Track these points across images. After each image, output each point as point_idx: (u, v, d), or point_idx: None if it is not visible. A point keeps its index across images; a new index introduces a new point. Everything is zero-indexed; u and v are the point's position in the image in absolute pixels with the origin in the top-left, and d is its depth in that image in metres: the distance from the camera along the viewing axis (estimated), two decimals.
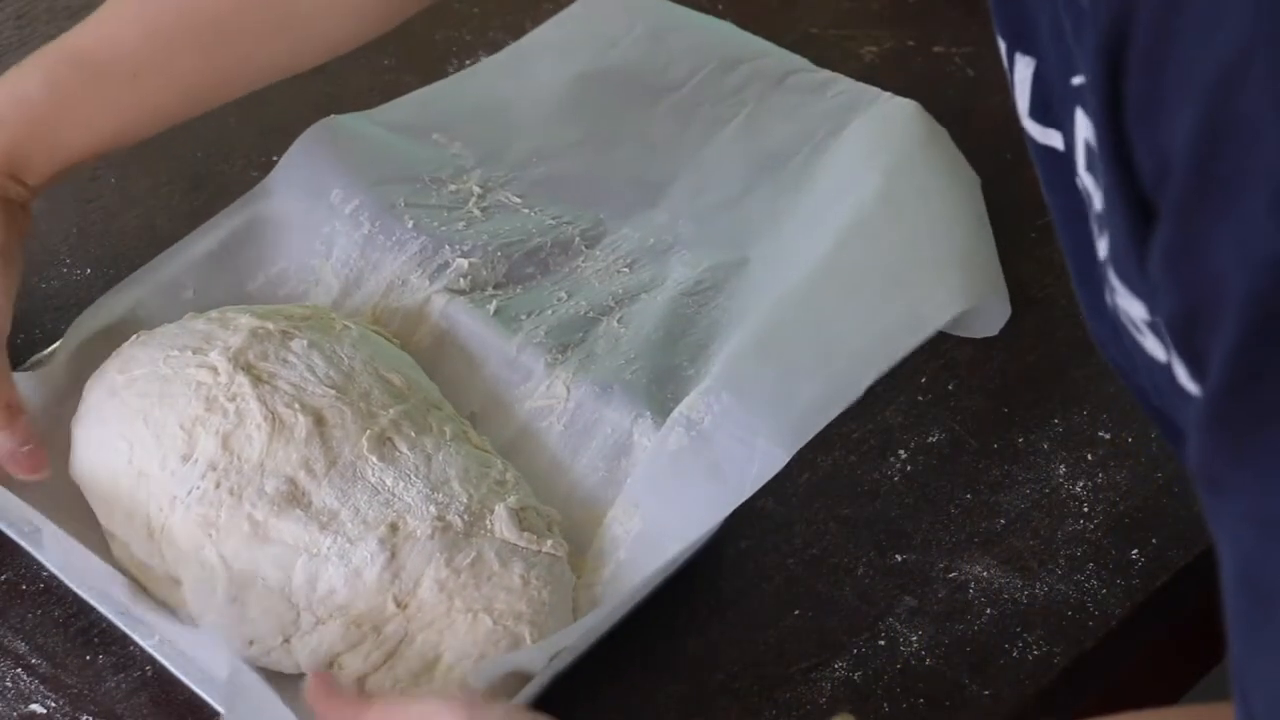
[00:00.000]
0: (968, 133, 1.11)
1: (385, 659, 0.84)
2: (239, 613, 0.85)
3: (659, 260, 1.04)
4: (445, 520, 0.86)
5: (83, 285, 1.03)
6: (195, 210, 1.05)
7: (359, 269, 1.01)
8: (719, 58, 1.15)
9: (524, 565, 0.86)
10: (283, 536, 0.85)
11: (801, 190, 1.06)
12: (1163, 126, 0.55)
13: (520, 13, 1.20)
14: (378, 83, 1.15)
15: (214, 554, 0.85)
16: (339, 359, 0.92)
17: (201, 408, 0.88)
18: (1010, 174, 1.09)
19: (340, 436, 0.88)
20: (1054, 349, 1.00)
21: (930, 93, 1.13)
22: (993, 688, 0.86)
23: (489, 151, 1.09)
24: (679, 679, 0.87)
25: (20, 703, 0.86)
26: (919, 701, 0.85)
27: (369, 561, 0.84)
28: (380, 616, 0.84)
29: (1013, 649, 0.87)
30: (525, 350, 0.97)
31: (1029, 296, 1.02)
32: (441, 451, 0.89)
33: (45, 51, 0.97)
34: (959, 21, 1.17)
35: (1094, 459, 0.95)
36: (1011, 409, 0.97)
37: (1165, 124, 0.55)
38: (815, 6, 1.20)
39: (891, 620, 0.88)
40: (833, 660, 0.87)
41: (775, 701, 0.86)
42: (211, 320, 0.94)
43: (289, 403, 0.88)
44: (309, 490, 0.86)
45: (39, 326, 1.01)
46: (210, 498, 0.86)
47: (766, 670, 0.87)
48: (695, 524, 0.87)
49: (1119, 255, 0.61)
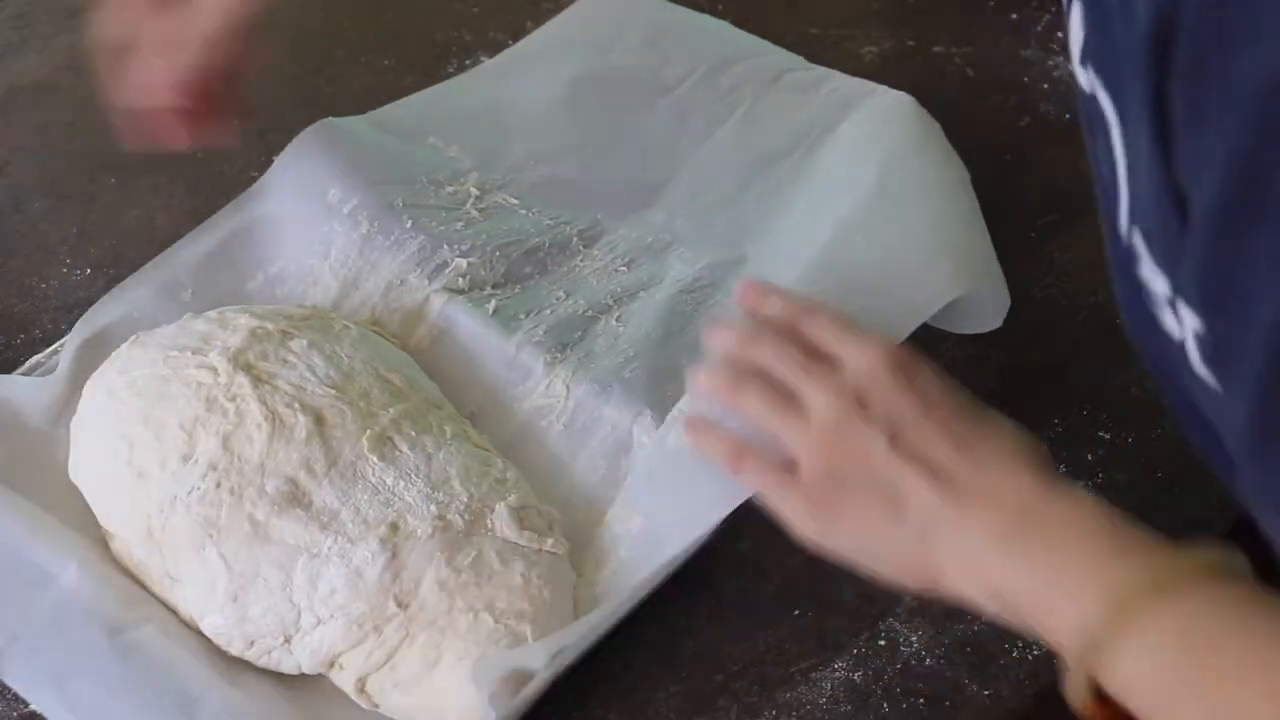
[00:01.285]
0: (968, 133, 1.11)
1: (387, 658, 0.84)
2: (240, 613, 0.85)
3: (657, 259, 1.04)
4: (446, 519, 0.86)
5: (83, 285, 1.04)
6: (195, 210, 1.05)
7: (357, 269, 1.01)
8: (714, 57, 1.15)
9: (525, 564, 0.86)
10: (283, 536, 0.85)
11: (798, 187, 1.06)
12: (1205, 136, 0.55)
13: (520, 12, 1.20)
14: (378, 83, 1.15)
15: (215, 554, 0.85)
16: (339, 359, 0.92)
17: (202, 408, 0.88)
18: (1010, 174, 1.09)
19: (340, 436, 0.88)
20: (1054, 349, 1.00)
21: (930, 93, 1.13)
22: (993, 688, 0.86)
23: (486, 154, 1.09)
24: (679, 679, 0.87)
25: (20, 703, 0.86)
26: (919, 701, 0.85)
27: (370, 561, 0.85)
28: (381, 616, 0.84)
29: (1013, 649, 0.87)
30: (524, 349, 0.97)
31: (1029, 296, 1.02)
32: (442, 451, 0.89)
33: None
34: (959, 21, 1.17)
35: (1094, 459, 0.95)
36: (1011, 409, 0.97)
37: (1207, 134, 0.55)
38: (815, 6, 1.20)
39: (891, 620, 0.88)
40: (833, 660, 0.87)
41: (775, 701, 0.86)
42: (210, 321, 0.94)
43: (289, 403, 0.89)
44: (309, 490, 0.86)
45: (39, 326, 1.01)
46: (211, 498, 0.86)
47: (766, 670, 0.87)
48: (696, 522, 0.87)
49: (1150, 230, 0.61)
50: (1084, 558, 0.71)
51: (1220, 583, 0.68)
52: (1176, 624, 0.68)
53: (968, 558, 0.74)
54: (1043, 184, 1.08)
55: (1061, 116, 1.12)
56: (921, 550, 0.75)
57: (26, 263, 1.05)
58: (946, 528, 0.75)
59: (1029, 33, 1.16)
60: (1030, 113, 1.12)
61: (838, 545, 0.78)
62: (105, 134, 1.10)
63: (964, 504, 0.75)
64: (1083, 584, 0.70)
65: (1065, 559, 0.71)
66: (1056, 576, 0.71)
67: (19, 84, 1.16)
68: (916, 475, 0.75)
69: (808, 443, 0.78)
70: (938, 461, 0.76)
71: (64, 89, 1.15)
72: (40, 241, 1.06)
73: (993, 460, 0.76)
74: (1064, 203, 1.07)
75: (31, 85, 1.16)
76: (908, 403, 0.78)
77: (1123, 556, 0.71)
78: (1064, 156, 1.10)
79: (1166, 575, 0.69)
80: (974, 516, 0.74)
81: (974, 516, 0.74)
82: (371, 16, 1.20)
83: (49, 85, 1.15)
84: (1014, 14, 1.17)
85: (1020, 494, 0.75)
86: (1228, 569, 0.69)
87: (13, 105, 1.14)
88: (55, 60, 1.17)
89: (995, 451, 0.76)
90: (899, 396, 0.78)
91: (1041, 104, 1.12)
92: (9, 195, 1.09)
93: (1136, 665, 0.68)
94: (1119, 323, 1.00)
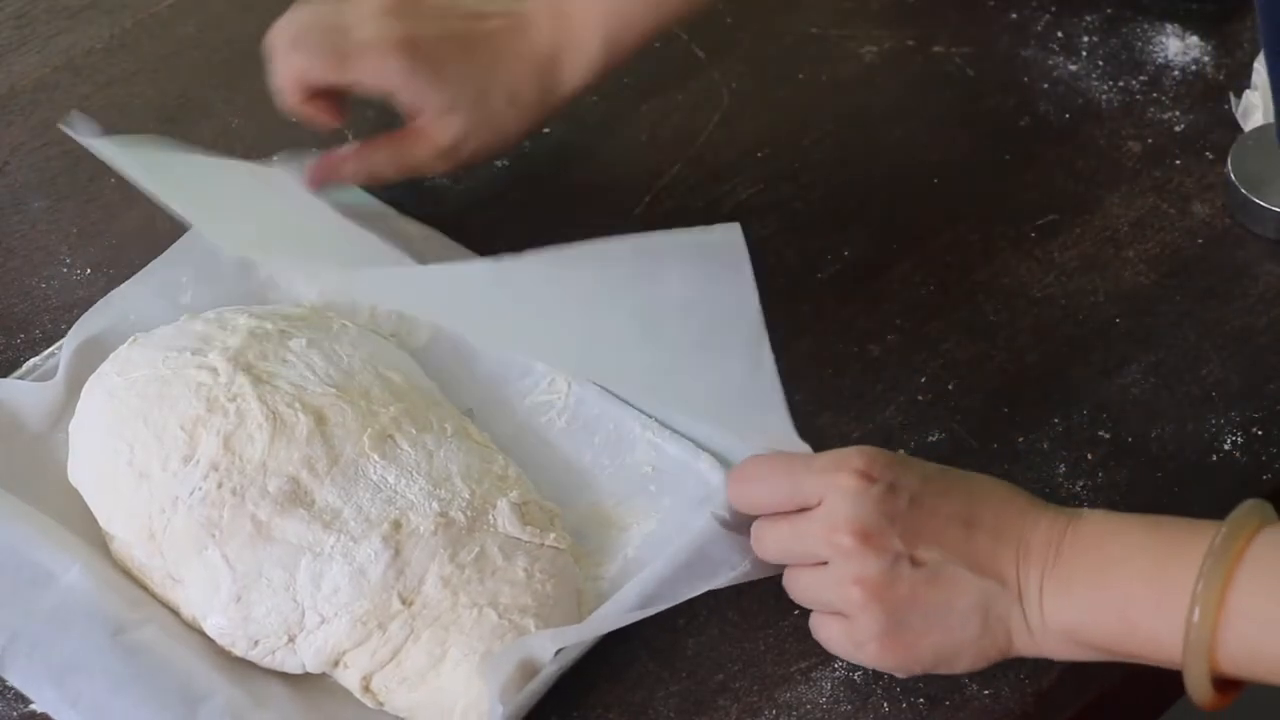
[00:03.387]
0: (968, 133, 1.11)
1: (392, 656, 0.84)
2: (243, 613, 0.85)
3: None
4: (448, 516, 0.86)
5: (83, 285, 1.03)
6: None
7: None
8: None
9: (528, 559, 0.86)
10: (286, 536, 0.85)
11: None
12: None
13: None
14: None
15: (217, 554, 0.85)
16: (338, 357, 0.92)
17: (202, 408, 0.88)
18: (1010, 174, 1.09)
19: (342, 435, 0.88)
20: (1054, 349, 1.00)
21: (930, 93, 1.14)
22: (993, 688, 0.86)
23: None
24: (679, 679, 0.87)
25: (20, 702, 0.86)
26: (919, 701, 0.85)
27: (373, 559, 0.85)
28: (385, 614, 0.84)
29: None
30: None
31: (1029, 296, 1.02)
32: (443, 448, 0.89)
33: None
34: (959, 21, 1.17)
35: (1094, 459, 0.95)
36: (1011, 409, 0.97)
37: None
38: (815, 6, 1.20)
39: None
40: (833, 660, 0.87)
41: (775, 701, 0.86)
42: (209, 321, 0.94)
43: (290, 402, 0.89)
44: (311, 489, 0.86)
45: (39, 326, 1.01)
46: (213, 498, 0.86)
47: (766, 670, 0.87)
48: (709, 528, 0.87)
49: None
50: (1141, 566, 0.74)
51: (1268, 524, 0.74)
52: (1259, 579, 0.72)
53: (1032, 621, 0.79)
54: (1043, 184, 1.08)
55: (1061, 116, 1.12)
56: (991, 633, 0.79)
57: (26, 263, 1.05)
58: (1002, 604, 0.79)
59: (1029, 33, 1.16)
60: (1030, 113, 1.12)
61: (920, 669, 0.82)
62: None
63: (1001, 575, 0.79)
64: (1157, 592, 0.73)
65: (1122, 576, 0.74)
66: (1123, 595, 0.76)
67: (19, 84, 1.16)
68: (951, 577, 0.79)
69: (846, 601, 0.81)
70: (958, 550, 0.79)
71: (64, 89, 1.15)
72: (40, 241, 1.06)
73: (999, 517, 0.80)
74: (1064, 203, 1.07)
75: (31, 85, 1.16)
76: (903, 511, 0.80)
77: (1175, 548, 0.73)
78: (1064, 156, 1.10)
79: (1223, 544, 0.74)
80: (1012, 580, 0.79)
81: (1012, 580, 0.79)
82: None
83: (49, 85, 1.15)
84: (1014, 14, 1.17)
85: (1040, 533, 0.79)
86: (1263, 515, 0.75)
87: (13, 105, 1.14)
88: (55, 60, 1.17)
89: (994, 506, 0.81)
90: (892, 508, 0.80)
91: (1041, 104, 1.12)
92: (9, 195, 1.09)
93: (1245, 631, 0.72)
94: (1119, 323, 1.01)
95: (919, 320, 1.01)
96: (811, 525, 0.81)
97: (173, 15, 1.19)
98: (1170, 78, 1.13)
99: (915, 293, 1.03)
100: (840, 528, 0.80)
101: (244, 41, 1.17)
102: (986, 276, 1.04)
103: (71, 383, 0.94)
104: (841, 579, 0.80)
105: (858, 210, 1.07)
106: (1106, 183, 1.08)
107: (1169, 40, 1.15)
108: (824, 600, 0.82)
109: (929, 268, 1.04)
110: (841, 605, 0.81)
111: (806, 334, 1.01)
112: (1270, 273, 1.03)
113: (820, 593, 0.82)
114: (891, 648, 0.80)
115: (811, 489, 0.82)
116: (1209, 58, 1.14)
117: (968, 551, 0.79)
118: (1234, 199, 1.05)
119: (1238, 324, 1.01)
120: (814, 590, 0.83)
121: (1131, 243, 1.05)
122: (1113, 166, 1.09)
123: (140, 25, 1.18)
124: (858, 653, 0.82)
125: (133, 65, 1.16)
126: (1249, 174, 1.05)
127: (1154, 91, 1.12)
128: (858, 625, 0.81)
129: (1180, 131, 1.10)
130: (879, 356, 1.00)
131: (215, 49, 1.17)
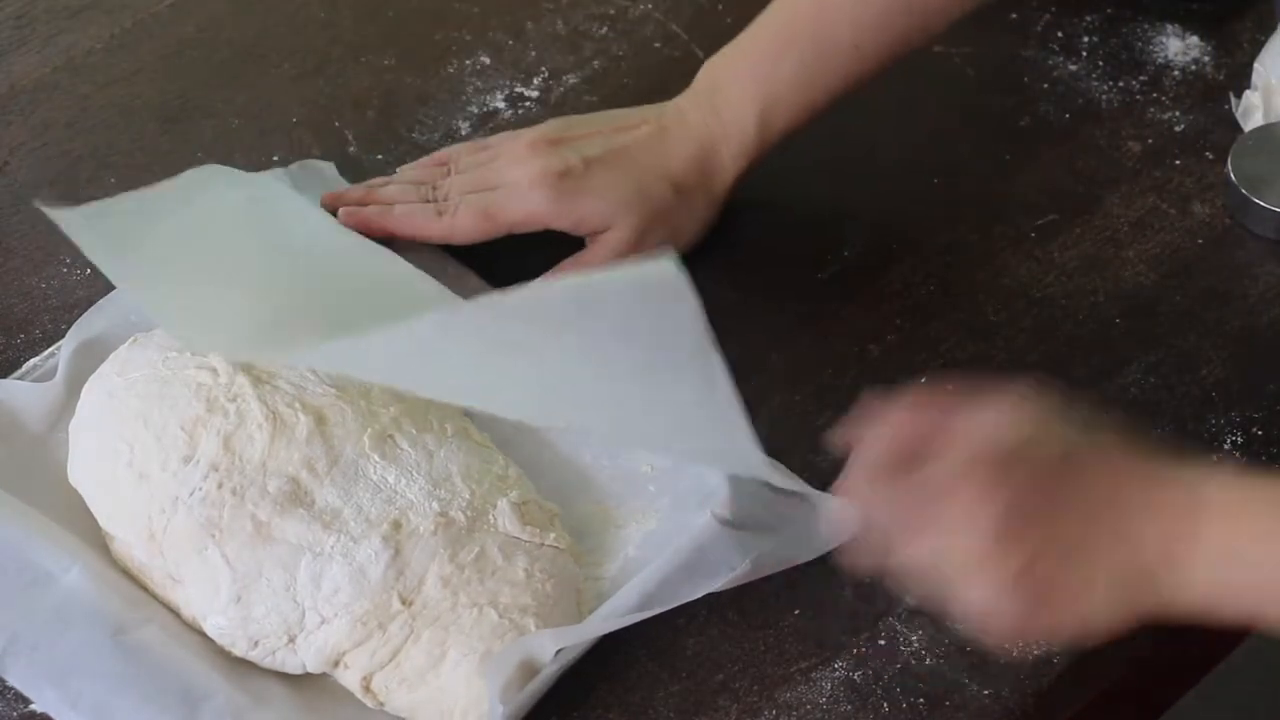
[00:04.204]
0: (968, 133, 1.11)
1: (392, 656, 0.84)
2: (243, 613, 0.85)
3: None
4: (448, 516, 0.86)
5: (82, 285, 1.03)
6: None
7: None
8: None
9: (527, 559, 0.86)
10: (286, 536, 0.85)
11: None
12: None
13: (520, 13, 1.20)
14: (378, 83, 1.15)
15: (217, 555, 0.85)
16: None
17: (202, 408, 0.88)
18: (1010, 174, 1.09)
19: (342, 435, 0.88)
20: (1054, 349, 1.00)
21: (930, 93, 1.13)
22: (993, 688, 0.86)
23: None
24: (678, 679, 0.87)
25: (20, 703, 0.86)
26: (919, 701, 0.85)
27: (373, 559, 0.85)
28: (385, 613, 0.84)
29: (1013, 649, 0.87)
30: None
31: (1029, 296, 1.02)
32: (443, 448, 0.89)
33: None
34: (959, 21, 1.17)
35: None
36: None
37: None
38: None
39: (891, 620, 0.88)
40: (833, 660, 0.87)
41: (775, 701, 0.86)
42: None
43: (289, 402, 0.89)
44: (311, 489, 0.86)
45: (39, 327, 1.01)
46: (213, 498, 0.86)
47: (766, 670, 0.87)
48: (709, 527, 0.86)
49: None
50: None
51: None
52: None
53: (1166, 589, 0.76)
54: (1043, 184, 1.08)
55: (1061, 116, 1.12)
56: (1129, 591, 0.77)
57: (26, 263, 1.05)
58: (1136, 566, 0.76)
59: (1029, 33, 1.16)
60: (1030, 113, 1.12)
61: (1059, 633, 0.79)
62: (105, 134, 1.11)
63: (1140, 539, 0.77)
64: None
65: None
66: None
67: (19, 84, 1.16)
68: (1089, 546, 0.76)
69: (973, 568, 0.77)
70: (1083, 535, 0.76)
71: (64, 89, 1.15)
72: (40, 241, 1.06)
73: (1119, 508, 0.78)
74: (1064, 203, 1.07)
75: (31, 85, 1.16)
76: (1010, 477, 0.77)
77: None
78: (1064, 156, 1.10)
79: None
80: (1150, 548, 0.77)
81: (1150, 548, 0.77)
82: (371, 16, 1.20)
83: (49, 85, 1.15)
84: (1014, 14, 1.17)
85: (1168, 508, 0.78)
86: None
87: (13, 105, 1.14)
88: (55, 60, 1.17)
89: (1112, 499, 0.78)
90: (1007, 475, 0.76)
91: (1041, 104, 1.12)
92: (9, 195, 1.09)
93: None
94: (1119, 323, 1.01)
95: (919, 320, 1.01)
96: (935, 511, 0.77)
97: (173, 15, 1.19)
98: (1170, 78, 1.13)
99: (915, 293, 1.03)
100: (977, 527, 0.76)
101: (244, 41, 1.18)
102: (986, 276, 1.04)
103: (71, 383, 0.94)
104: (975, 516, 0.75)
105: (858, 210, 1.07)
106: (1106, 183, 1.08)
107: (1169, 40, 1.15)
108: (958, 551, 0.77)
109: (929, 268, 1.04)
110: (979, 539, 0.76)
111: (807, 334, 1.01)
112: (1270, 273, 1.03)
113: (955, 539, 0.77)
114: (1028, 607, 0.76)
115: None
116: (1209, 58, 1.14)
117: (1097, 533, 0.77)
118: (1234, 199, 1.05)
119: (1238, 324, 1.01)
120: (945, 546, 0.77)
121: (1132, 243, 1.05)
122: (1113, 166, 1.09)
123: (140, 25, 1.18)
124: (998, 622, 0.77)
125: (133, 65, 1.16)
126: (1249, 174, 1.05)
127: (1154, 91, 1.13)
128: (999, 562, 0.75)
129: (1180, 131, 1.10)
130: (879, 356, 1.00)
131: (215, 49, 1.17)
